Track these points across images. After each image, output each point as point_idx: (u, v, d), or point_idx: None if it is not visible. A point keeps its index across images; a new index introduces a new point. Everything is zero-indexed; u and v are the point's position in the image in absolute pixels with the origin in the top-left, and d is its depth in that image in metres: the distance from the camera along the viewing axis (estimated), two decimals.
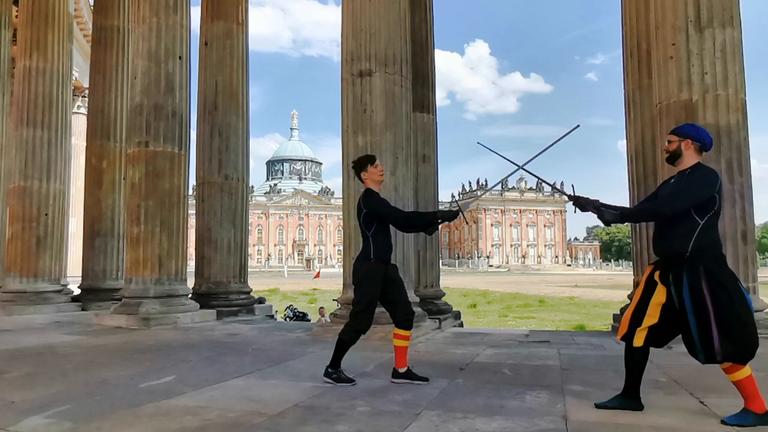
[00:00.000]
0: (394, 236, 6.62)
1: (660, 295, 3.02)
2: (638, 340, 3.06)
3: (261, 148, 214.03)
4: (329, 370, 3.90)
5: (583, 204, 3.21)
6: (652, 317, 3.03)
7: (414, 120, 7.65)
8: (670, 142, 3.18)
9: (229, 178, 9.53)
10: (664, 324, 3.03)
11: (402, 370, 3.96)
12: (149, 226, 7.93)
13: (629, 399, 3.15)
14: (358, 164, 4.14)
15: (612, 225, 3.33)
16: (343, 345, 3.93)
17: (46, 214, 10.26)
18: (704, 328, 2.84)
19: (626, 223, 3.52)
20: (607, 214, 3.11)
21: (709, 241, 2.94)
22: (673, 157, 3.16)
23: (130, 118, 8.58)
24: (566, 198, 3.35)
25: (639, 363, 3.12)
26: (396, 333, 4.01)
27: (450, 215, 3.86)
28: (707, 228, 2.93)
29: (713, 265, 2.90)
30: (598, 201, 3.20)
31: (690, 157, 3.11)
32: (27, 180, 10.19)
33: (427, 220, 4.05)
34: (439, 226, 4.16)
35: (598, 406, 3.20)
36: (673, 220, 2.99)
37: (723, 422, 2.85)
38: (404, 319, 3.98)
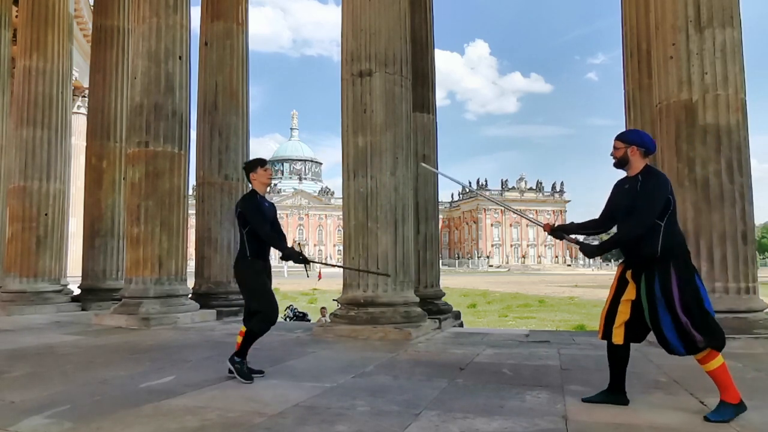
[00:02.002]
0: (394, 236, 6.66)
1: (630, 293, 3.19)
2: (617, 338, 3.25)
3: (261, 148, 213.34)
4: (236, 358, 3.95)
5: (560, 236, 3.45)
6: (624, 314, 3.21)
7: (414, 120, 7.65)
8: (616, 148, 3.30)
9: (229, 178, 9.53)
10: (638, 319, 3.18)
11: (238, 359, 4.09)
12: (149, 226, 7.93)
13: (615, 394, 3.30)
14: (249, 165, 4.24)
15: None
16: (252, 336, 3.97)
17: (46, 214, 10.25)
18: (678, 321, 2.98)
19: None
20: (585, 247, 3.34)
21: (675, 239, 3.10)
22: (621, 163, 3.29)
23: (130, 118, 8.58)
24: (547, 232, 3.54)
25: (621, 358, 3.32)
26: (242, 331, 4.10)
27: (294, 257, 4.00)
28: (669, 227, 3.08)
29: (681, 264, 3.07)
30: (573, 224, 3.48)
31: (637, 162, 3.24)
32: (27, 180, 10.18)
33: (276, 247, 4.10)
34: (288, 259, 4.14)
35: (584, 400, 3.33)
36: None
37: (706, 419, 2.94)
38: None
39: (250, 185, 4.25)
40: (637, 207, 3.11)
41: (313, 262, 4.27)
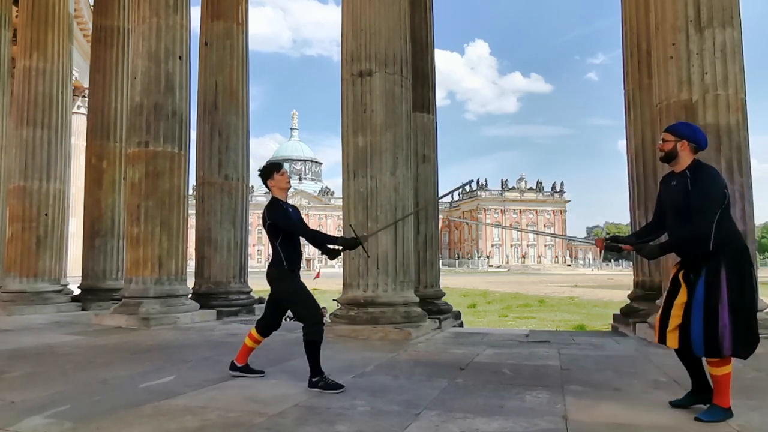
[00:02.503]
0: (394, 236, 6.66)
1: (683, 296, 3.02)
2: (672, 342, 3.04)
3: (261, 148, 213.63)
4: (313, 380, 3.74)
5: (617, 248, 3.24)
6: (677, 317, 3.01)
7: (414, 120, 7.65)
8: (665, 140, 3.12)
9: (229, 178, 9.53)
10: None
11: (240, 364, 4.12)
12: (149, 226, 7.93)
13: (700, 395, 3.13)
14: (264, 171, 4.08)
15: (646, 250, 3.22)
16: (314, 346, 3.78)
17: (46, 214, 10.25)
18: (712, 322, 2.85)
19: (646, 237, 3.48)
20: (645, 249, 3.13)
21: (728, 233, 2.93)
22: (668, 157, 3.12)
23: (130, 118, 8.57)
24: (596, 246, 3.34)
25: (690, 360, 3.13)
26: (252, 334, 4.11)
27: (351, 243, 3.92)
28: (722, 221, 2.90)
29: (733, 261, 2.90)
30: (629, 236, 3.29)
31: (686, 157, 3.08)
32: (27, 180, 10.18)
33: (328, 241, 3.99)
34: (341, 253, 4.11)
35: (673, 404, 3.19)
36: (687, 222, 2.97)
37: (697, 419, 2.93)
38: (271, 330, 4.12)
39: (269, 193, 4.06)
40: (697, 207, 2.91)
41: (363, 243, 3.97)
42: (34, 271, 10.06)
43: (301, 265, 4.04)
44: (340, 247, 3.97)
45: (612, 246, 3.24)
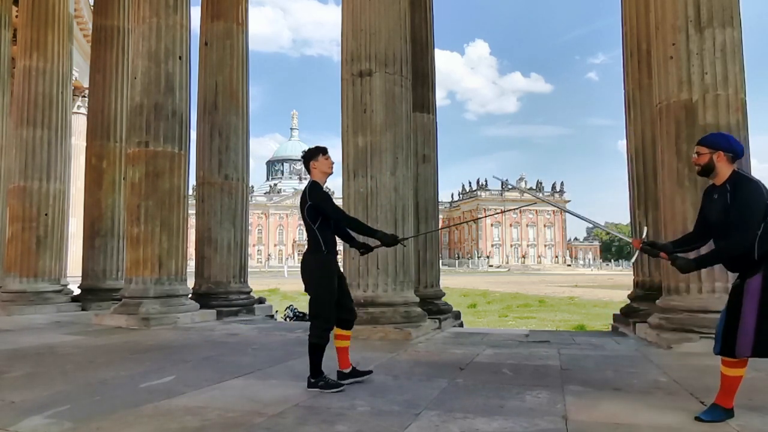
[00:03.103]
0: None
1: None
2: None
3: (261, 148, 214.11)
4: (311, 380, 3.70)
5: (654, 253, 3.16)
6: None
7: (414, 120, 7.65)
8: (699, 154, 3.03)
9: (229, 178, 9.53)
10: None
11: (347, 370, 3.90)
12: (149, 226, 7.93)
13: None
14: (309, 153, 3.98)
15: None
16: (318, 349, 3.73)
17: (46, 214, 10.26)
18: (734, 323, 2.84)
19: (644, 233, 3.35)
20: (680, 261, 3.03)
21: None
22: (706, 171, 3.03)
23: (130, 118, 8.58)
24: (637, 249, 3.19)
25: None
26: (338, 334, 3.92)
27: (389, 240, 3.84)
28: (766, 233, 2.83)
29: None
30: (668, 244, 3.20)
31: (724, 169, 2.98)
32: (27, 180, 10.19)
33: (368, 232, 3.93)
34: (373, 249, 4.06)
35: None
36: (728, 234, 2.89)
37: (698, 419, 2.92)
38: (348, 319, 3.92)
39: (308, 175, 3.97)
40: (736, 222, 2.83)
41: (407, 238, 3.97)
42: (34, 271, 10.06)
43: (336, 251, 3.91)
44: (378, 243, 3.87)
45: (648, 250, 3.15)
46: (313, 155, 3.94)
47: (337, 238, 3.97)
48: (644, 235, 3.32)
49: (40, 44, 10.41)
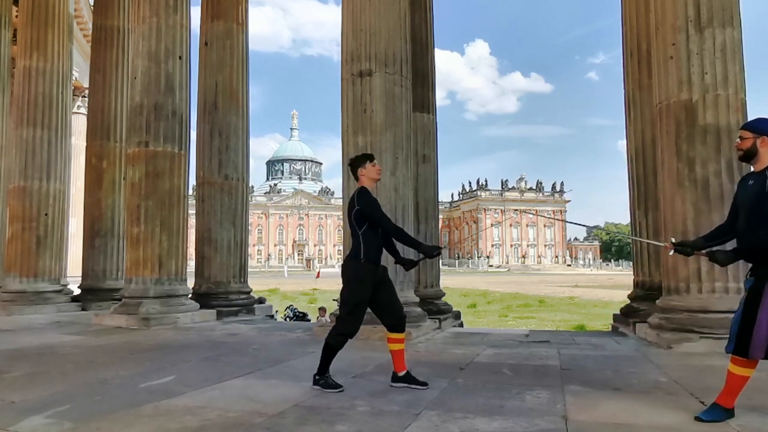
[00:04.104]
0: None
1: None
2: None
3: (261, 148, 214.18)
4: (316, 377, 3.80)
5: (688, 252, 3.08)
6: None
7: (414, 120, 7.65)
8: (742, 138, 2.96)
9: (229, 178, 9.53)
10: None
11: (402, 373, 3.88)
12: (149, 226, 7.93)
13: None
14: (357, 160, 4.03)
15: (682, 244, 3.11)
16: (330, 350, 3.79)
17: (46, 214, 10.25)
18: (748, 326, 2.80)
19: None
20: (719, 255, 2.94)
21: None
22: (748, 156, 2.95)
23: (130, 118, 8.58)
24: (670, 251, 3.12)
25: None
26: (389, 337, 3.93)
27: (430, 252, 3.84)
28: None
29: None
30: (698, 239, 3.13)
31: (767, 155, 2.90)
32: (27, 180, 10.19)
33: (412, 244, 3.93)
34: (417, 264, 4.04)
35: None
36: (761, 225, 2.82)
37: (698, 419, 2.91)
38: (395, 324, 3.88)
39: (356, 182, 4.00)
40: (766, 211, 2.76)
41: (441, 249, 3.98)
42: (34, 271, 10.06)
43: (380, 259, 3.88)
44: (422, 255, 3.87)
45: (681, 250, 3.07)
46: (360, 162, 3.99)
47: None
48: (672, 239, 3.24)
49: (40, 44, 10.41)
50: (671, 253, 3.10)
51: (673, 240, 3.20)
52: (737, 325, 2.87)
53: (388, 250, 3.96)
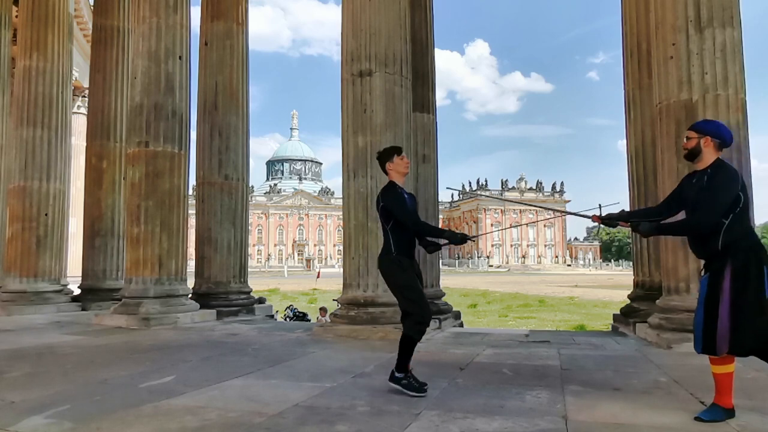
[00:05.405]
0: None
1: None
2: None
3: (261, 148, 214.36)
4: (397, 375, 3.59)
5: (613, 222, 3.17)
6: None
7: (414, 120, 7.65)
8: (689, 138, 3.10)
9: (229, 178, 9.53)
10: None
11: (400, 374, 3.87)
12: (149, 226, 7.93)
13: None
14: (384, 154, 3.96)
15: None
16: (410, 342, 3.62)
17: (46, 214, 10.25)
18: (711, 322, 2.87)
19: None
20: (643, 225, 3.05)
21: (739, 236, 2.91)
22: (692, 155, 3.09)
23: (130, 118, 8.58)
24: (592, 221, 3.25)
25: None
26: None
27: (457, 239, 3.72)
28: (735, 224, 2.90)
29: (740, 262, 2.87)
30: (624, 212, 3.22)
31: (709, 155, 3.03)
32: (27, 180, 10.19)
33: (436, 234, 3.88)
34: (441, 247, 4.05)
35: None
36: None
37: (698, 419, 2.92)
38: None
39: (385, 176, 3.96)
40: (702, 202, 2.92)
41: (475, 237, 3.95)
42: (34, 271, 10.06)
43: (414, 253, 3.83)
44: (446, 241, 3.80)
45: (608, 221, 3.18)
46: (388, 156, 3.92)
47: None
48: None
49: (40, 44, 10.40)
50: (600, 225, 3.24)
51: (601, 214, 3.27)
52: (701, 325, 2.92)
53: (418, 236, 3.90)
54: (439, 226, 3.82)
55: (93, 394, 3.63)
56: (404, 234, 3.78)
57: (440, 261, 9.93)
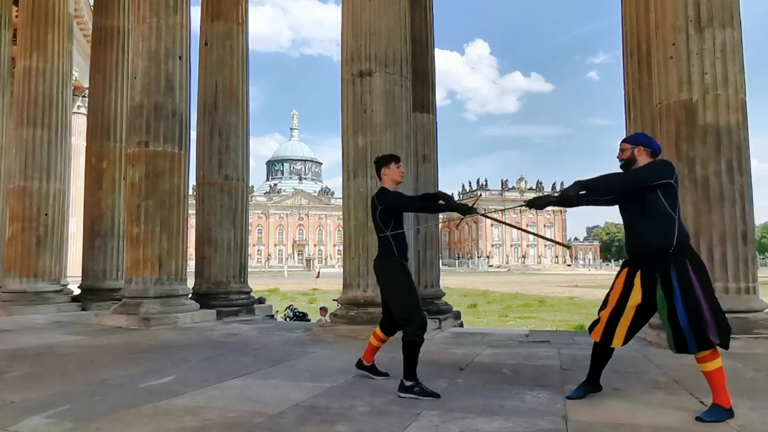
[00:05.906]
0: None
1: (636, 297, 3.20)
2: (618, 341, 3.30)
3: (261, 148, 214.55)
4: (406, 384, 3.49)
5: (541, 204, 3.44)
6: (627, 318, 3.25)
7: (414, 120, 7.64)
8: (623, 150, 3.36)
9: (229, 178, 9.53)
10: (635, 323, 3.28)
11: (368, 363, 4.08)
12: (149, 226, 7.93)
13: (592, 384, 3.50)
14: (382, 160, 3.99)
15: (581, 205, 3.48)
16: (414, 348, 3.56)
17: (46, 214, 10.26)
18: (696, 317, 2.97)
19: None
20: (567, 190, 3.26)
21: (685, 233, 3.16)
22: (629, 164, 3.34)
23: (130, 118, 8.58)
24: (522, 208, 3.44)
25: (608, 357, 3.48)
26: (376, 333, 4.02)
27: (462, 209, 3.73)
28: (680, 221, 3.14)
29: (692, 257, 3.12)
30: (551, 195, 3.49)
31: (643, 162, 3.30)
32: (27, 180, 10.19)
33: (441, 208, 3.91)
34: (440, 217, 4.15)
35: (569, 398, 3.42)
36: (648, 216, 3.14)
37: (698, 419, 2.94)
38: (394, 330, 3.91)
39: (379, 182, 3.96)
40: (629, 173, 3.25)
41: (486, 216, 4.05)
42: (34, 271, 10.06)
43: (408, 257, 3.89)
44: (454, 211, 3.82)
45: (535, 204, 3.47)
46: (385, 162, 3.96)
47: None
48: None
49: (40, 44, 10.40)
50: (532, 209, 3.51)
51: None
52: (688, 324, 2.98)
53: (431, 206, 3.96)
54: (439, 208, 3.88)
55: (93, 394, 3.63)
56: (402, 237, 3.85)
57: (440, 261, 9.93)
